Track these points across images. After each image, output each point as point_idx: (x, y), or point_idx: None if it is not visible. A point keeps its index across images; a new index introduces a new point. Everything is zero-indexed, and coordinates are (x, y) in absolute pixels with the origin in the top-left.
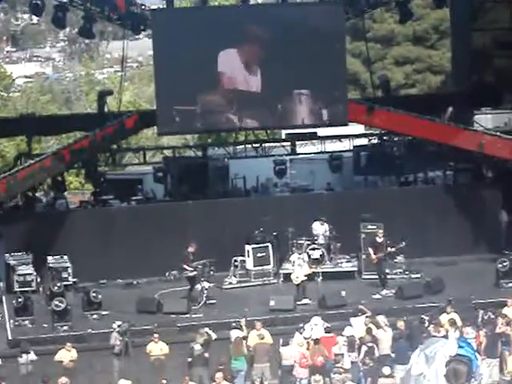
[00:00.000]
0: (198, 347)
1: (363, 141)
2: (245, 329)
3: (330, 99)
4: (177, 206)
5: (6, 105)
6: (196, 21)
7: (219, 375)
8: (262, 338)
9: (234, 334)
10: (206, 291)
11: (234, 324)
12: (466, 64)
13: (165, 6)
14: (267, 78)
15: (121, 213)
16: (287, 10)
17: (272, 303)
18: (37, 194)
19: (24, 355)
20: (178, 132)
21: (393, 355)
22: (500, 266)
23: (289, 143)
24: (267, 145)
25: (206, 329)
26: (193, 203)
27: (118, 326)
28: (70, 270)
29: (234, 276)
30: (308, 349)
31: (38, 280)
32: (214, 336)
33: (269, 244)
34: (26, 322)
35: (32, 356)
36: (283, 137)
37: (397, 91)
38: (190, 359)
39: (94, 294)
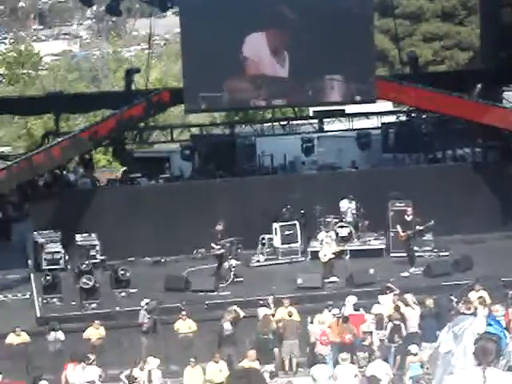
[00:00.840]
0: (227, 326)
1: (391, 118)
2: (272, 306)
3: (360, 80)
4: (204, 184)
5: (33, 83)
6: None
7: (253, 352)
8: (291, 316)
9: (262, 311)
10: (233, 269)
11: (261, 302)
12: (494, 40)
13: None
14: (296, 63)
15: (148, 191)
16: None
17: (299, 281)
18: (64, 172)
19: (52, 333)
20: (205, 110)
21: (420, 333)
22: None
23: (316, 121)
24: (294, 122)
25: (235, 306)
26: (220, 181)
27: (146, 304)
28: (98, 248)
29: (262, 254)
30: (332, 326)
31: (66, 258)
32: (242, 314)
33: (296, 222)
34: (55, 299)
35: (60, 335)
36: (311, 114)
37: (425, 68)
38: (219, 338)
39: (122, 272)
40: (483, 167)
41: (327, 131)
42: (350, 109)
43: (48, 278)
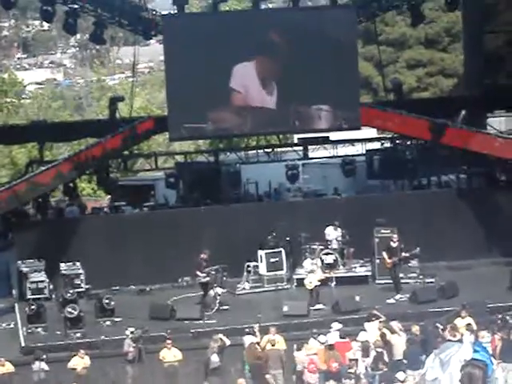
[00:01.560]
0: (215, 358)
1: (376, 145)
2: (258, 334)
3: (346, 108)
4: (189, 211)
5: (17, 111)
6: (208, 27)
7: (242, 381)
8: (273, 345)
9: (248, 339)
10: (219, 297)
11: (247, 330)
12: (478, 67)
13: (176, 12)
14: (283, 92)
15: (133, 219)
16: (302, 14)
17: (285, 309)
18: (48, 201)
19: (37, 362)
20: (189, 138)
21: (405, 361)
22: None
23: (301, 148)
24: (279, 149)
25: (220, 335)
26: (205, 209)
27: (131, 333)
28: (82, 277)
29: (247, 281)
30: (320, 354)
31: (51, 287)
32: (227, 342)
33: (282, 249)
34: (39, 329)
35: (44, 365)
36: (295, 141)
37: (409, 95)
38: (205, 369)
39: (106, 301)
40: (468, 193)
41: (312, 158)
42: (334, 136)
43: (32, 307)
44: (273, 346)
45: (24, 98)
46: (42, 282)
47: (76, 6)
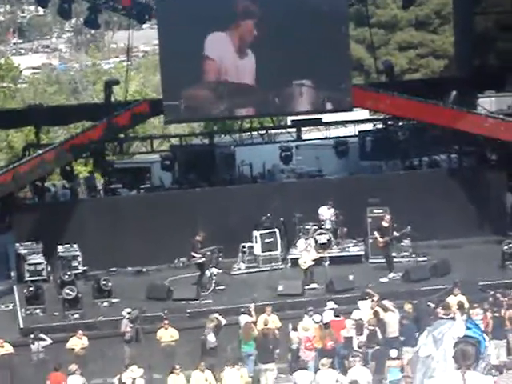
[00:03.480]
0: (211, 338)
1: (368, 126)
2: (254, 314)
3: (333, 86)
4: (184, 193)
5: (13, 96)
6: (201, 9)
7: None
8: (266, 324)
9: (243, 319)
10: (214, 277)
11: (242, 309)
12: (468, 48)
13: None
14: (262, 66)
15: (129, 201)
16: None
17: (280, 288)
18: (46, 184)
19: (36, 342)
20: (184, 120)
21: (401, 338)
22: (506, 247)
23: (294, 129)
24: (273, 131)
25: (216, 314)
26: (200, 190)
27: (128, 313)
28: (79, 259)
29: (243, 262)
30: (315, 335)
31: (49, 269)
32: (223, 321)
33: (276, 230)
34: (38, 310)
35: (46, 341)
36: (289, 123)
37: (401, 76)
38: (202, 348)
39: (104, 282)
40: (459, 173)
41: (305, 140)
42: (327, 117)
43: (31, 289)
44: (266, 325)
45: (20, 83)
46: (40, 264)
47: None
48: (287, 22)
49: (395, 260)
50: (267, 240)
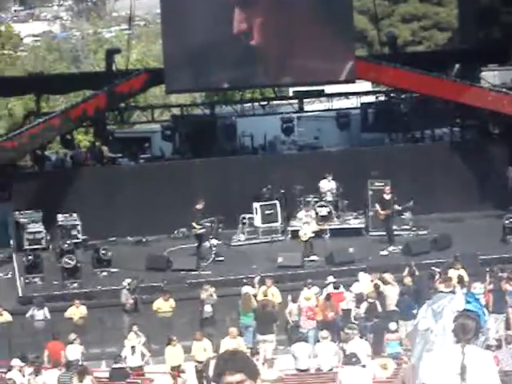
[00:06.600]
0: (208, 309)
1: (370, 98)
2: (257, 286)
3: (337, 57)
4: (185, 164)
5: (14, 64)
6: None
7: (233, 329)
8: (266, 296)
9: (245, 290)
10: (214, 248)
11: (245, 281)
12: (472, 21)
13: None
14: (271, 34)
15: (129, 171)
16: None
17: (280, 260)
18: (46, 153)
19: (36, 310)
20: (185, 90)
21: (401, 311)
22: (507, 222)
23: (296, 101)
24: (274, 102)
25: (208, 285)
26: (201, 161)
27: (128, 284)
28: (79, 228)
29: (242, 233)
30: (317, 304)
31: (48, 238)
32: (214, 296)
33: (276, 201)
34: (37, 279)
35: (46, 312)
36: (290, 94)
37: (404, 48)
38: (200, 318)
39: (103, 252)
40: (461, 146)
41: (307, 111)
42: (329, 89)
43: (30, 257)
44: (265, 296)
45: (21, 51)
46: (40, 232)
47: None
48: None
49: (396, 233)
50: (267, 211)
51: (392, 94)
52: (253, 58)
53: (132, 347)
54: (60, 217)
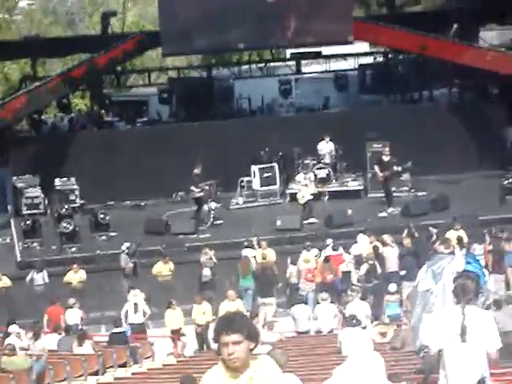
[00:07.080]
0: (206, 272)
1: (368, 59)
2: (257, 248)
3: (334, 17)
4: (182, 127)
5: (9, 27)
6: None
7: (232, 293)
8: (264, 258)
9: (246, 252)
10: (212, 212)
11: (245, 243)
12: None
13: None
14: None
15: (127, 135)
16: None
17: (278, 223)
18: (42, 117)
19: (35, 273)
20: (182, 53)
21: (401, 272)
22: (506, 182)
23: (294, 62)
24: (272, 64)
25: (207, 249)
26: (198, 124)
27: (127, 248)
28: (77, 192)
29: (241, 196)
30: (316, 267)
31: (46, 202)
32: (214, 258)
33: (275, 164)
34: (35, 244)
35: (45, 275)
36: (288, 56)
37: (402, 8)
38: (199, 282)
39: (101, 216)
40: (459, 107)
41: (305, 73)
42: (327, 50)
43: (28, 222)
44: (264, 259)
45: (16, 14)
46: (37, 197)
47: None
48: None
49: (394, 195)
50: (266, 174)
51: (390, 55)
52: (249, 19)
53: (135, 304)
54: (58, 181)
